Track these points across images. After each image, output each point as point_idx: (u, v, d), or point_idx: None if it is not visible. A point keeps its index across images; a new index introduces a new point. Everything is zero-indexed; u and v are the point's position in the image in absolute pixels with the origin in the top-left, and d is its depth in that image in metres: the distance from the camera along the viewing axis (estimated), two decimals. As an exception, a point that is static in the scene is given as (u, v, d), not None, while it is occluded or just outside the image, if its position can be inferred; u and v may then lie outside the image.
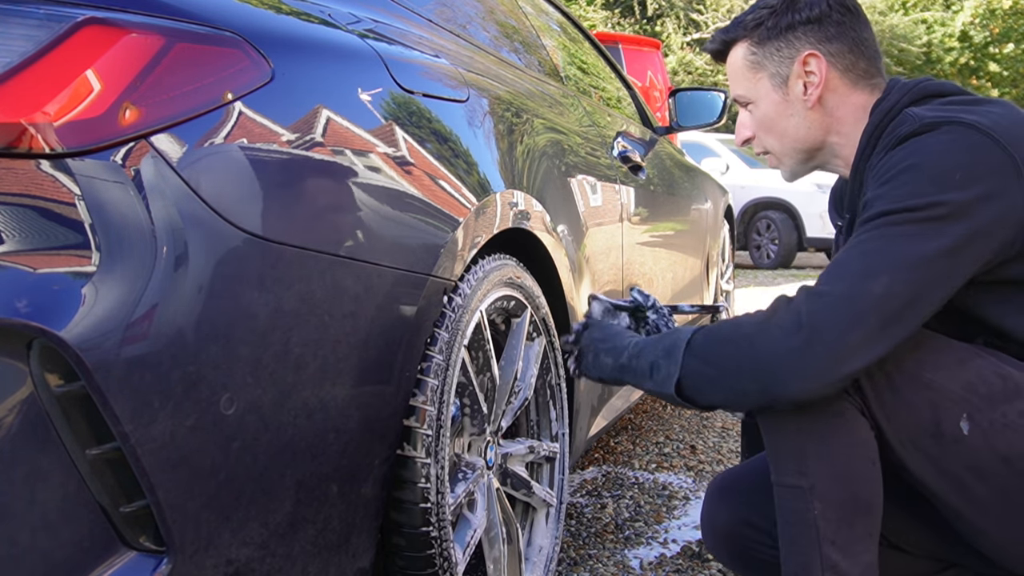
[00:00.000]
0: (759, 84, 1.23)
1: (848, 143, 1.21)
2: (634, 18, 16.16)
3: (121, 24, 0.86)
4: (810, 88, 1.20)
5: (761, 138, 1.27)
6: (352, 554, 1.10)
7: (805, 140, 1.23)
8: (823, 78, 1.19)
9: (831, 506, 1.04)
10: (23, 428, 0.77)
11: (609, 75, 3.02)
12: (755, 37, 1.23)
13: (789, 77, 1.21)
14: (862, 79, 1.20)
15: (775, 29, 1.21)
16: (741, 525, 1.27)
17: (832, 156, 1.25)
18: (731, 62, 1.28)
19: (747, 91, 1.25)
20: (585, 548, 1.93)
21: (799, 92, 1.21)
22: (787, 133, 1.24)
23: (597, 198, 1.99)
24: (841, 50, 1.19)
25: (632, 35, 9.99)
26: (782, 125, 1.23)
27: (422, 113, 1.27)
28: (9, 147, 0.79)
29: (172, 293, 0.83)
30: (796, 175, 1.29)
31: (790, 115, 1.22)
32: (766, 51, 1.22)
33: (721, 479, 1.34)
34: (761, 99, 1.24)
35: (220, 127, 0.91)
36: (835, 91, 1.20)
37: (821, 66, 1.19)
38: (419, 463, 1.18)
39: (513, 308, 1.51)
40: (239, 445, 0.90)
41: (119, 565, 0.82)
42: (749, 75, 1.24)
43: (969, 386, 1.04)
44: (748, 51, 1.24)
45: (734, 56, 1.27)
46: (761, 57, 1.23)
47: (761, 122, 1.25)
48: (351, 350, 1.05)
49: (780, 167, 1.29)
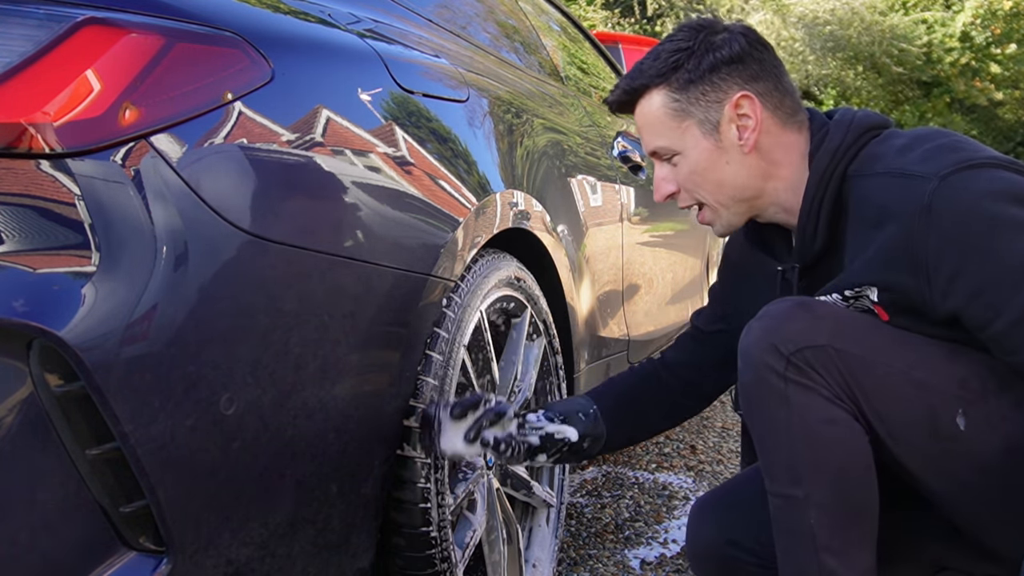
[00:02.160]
0: (686, 133, 1.14)
1: (788, 187, 1.15)
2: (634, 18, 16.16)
3: (121, 24, 0.86)
4: (745, 132, 1.12)
5: (692, 191, 1.17)
6: (352, 554, 1.10)
7: (743, 188, 1.15)
8: (758, 120, 1.12)
9: (827, 513, 1.03)
10: (23, 428, 0.77)
11: (609, 75, 3.02)
12: (674, 83, 1.14)
13: (720, 122, 1.13)
14: (789, 117, 1.15)
15: (696, 71, 1.12)
16: (726, 546, 1.25)
17: (771, 203, 1.17)
18: (645, 112, 1.17)
19: (672, 142, 1.15)
20: (585, 548, 1.93)
21: (733, 138, 1.13)
22: (724, 182, 1.15)
23: (597, 198, 1.99)
24: (768, 88, 1.13)
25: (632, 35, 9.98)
26: (717, 175, 1.14)
27: (422, 113, 1.27)
28: (9, 147, 0.79)
29: (172, 293, 0.83)
30: (731, 228, 1.20)
31: (725, 163, 1.14)
32: (690, 96, 1.13)
33: (703, 500, 1.32)
34: (690, 149, 1.14)
35: (220, 127, 0.91)
36: (769, 133, 1.13)
37: (755, 107, 1.12)
38: (419, 463, 1.18)
39: (513, 308, 1.51)
40: (239, 445, 0.90)
41: (119, 565, 0.82)
42: (672, 124, 1.14)
43: (962, 382, 1.04)
44: (668, 98, 1.14)
45: (649, 106, 1.16)
46: (685, 103, 1.13)
47: (691, 174, 1.16)
48: (351, 350, 1.05)
49: (714, 220, 1.19)
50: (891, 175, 1.06)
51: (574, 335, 1.76)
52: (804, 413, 1.03)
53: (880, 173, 1.08)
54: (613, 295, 2.08)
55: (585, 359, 1.86)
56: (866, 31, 17.23)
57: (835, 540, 1.03)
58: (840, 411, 1.03)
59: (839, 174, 1.11)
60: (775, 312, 1.07)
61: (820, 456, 1.03)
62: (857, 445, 1.04)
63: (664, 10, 16.22)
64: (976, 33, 18.93)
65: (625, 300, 2.20)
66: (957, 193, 1.00)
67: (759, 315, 1.08)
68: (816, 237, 1.13)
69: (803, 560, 1.04)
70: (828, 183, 1.11)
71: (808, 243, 1.14)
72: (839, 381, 1.03)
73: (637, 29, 15.85)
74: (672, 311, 2.77)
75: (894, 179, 1.06)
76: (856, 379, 1.03)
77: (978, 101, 18.78)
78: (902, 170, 1.05)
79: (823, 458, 1.03)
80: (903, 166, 1.05)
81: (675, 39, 1.16)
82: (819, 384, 1.02)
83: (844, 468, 1.03)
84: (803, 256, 1.16)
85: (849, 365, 1.03)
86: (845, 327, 1.05)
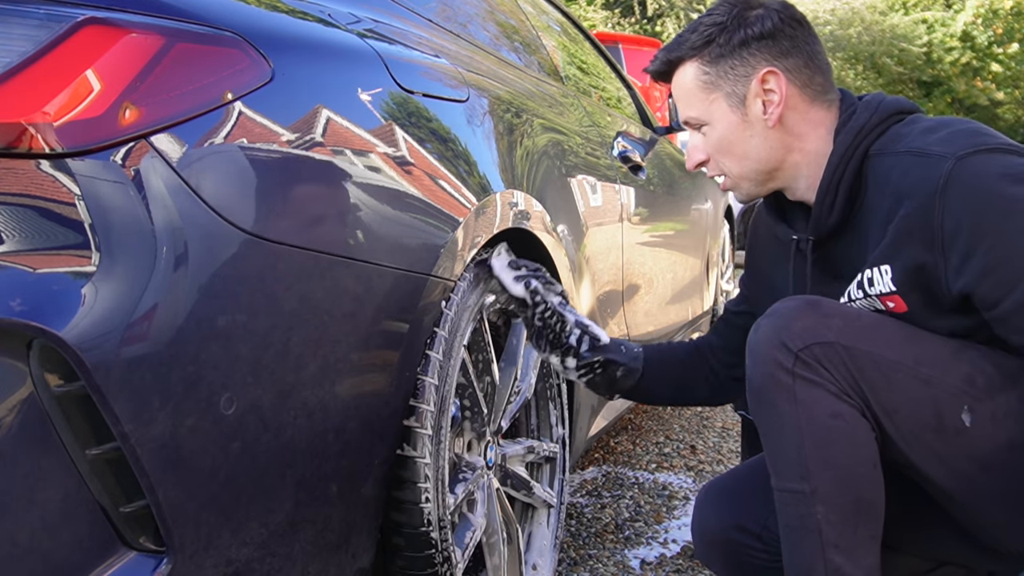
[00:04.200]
0: (714, 105, 1.18)
1: (810, 161, 1.18)
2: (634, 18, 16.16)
3: (121, 24, 0.86)
4: (770, 107, 1.16)
5: (717, 161, 1.22)
6: (352, 554, 1.10)
7: (767, 161, 1.18)
8: (783, 96, 1.15)
9: (834, 510, 1.03)
10: (23, 428, 0.77)
11: (609, 75, 3.02)
12: (706, 56, 1.18)
13: (747, 96, 1.16)
14: (819, 95, 1.18)
15: (727, 46, 1.16)
16: (733, 531, 1.25)
17: (792, 176, 1.20)
18: (680, 83, 1.22)
19: (701, 113, 1.20)
20: (585, 548, 1.93)
21: (758, 112, 1.16)
22: (747, 155, 1.18)
23: (597, 198, 1.99)
24: (797, 65, 1.16)
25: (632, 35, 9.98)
26: (742, 147, 1.18)
27: (422, 113, 1.27)
28: (9, 147, 0.79)
29: (172, 293, 0.83)
30: (752, 197, 1.25)
31: (750, 136, 1.17)
32: (720, 70, 1.17)
33: (710, 486, 1.33)
34: (717, 121, 1.19)
35: (220, 127, 0.91)
36: (795, 108, 1.16)
37: (780, 83, 1.15)
38: (419, 463, 1.18)
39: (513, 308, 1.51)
40: (239, 445, 0.90)
41: (119, 565, 0.82)
42: (702, 96, 1.19)
43: (968, 378, 1.04)
44: (700, 71, 1.18)
45: (683, 77, 1.21)
46: (715, 76, 1.17)
47: (718, 145, 1.20)
48: (351, 350, 1.05)
49: (736, 191, 1.24)
50: (911, 154, 1.08)
51: (574, 335, 1.76)
52: (811, 409, 1.03)
53: (900, 152, 1.10)
54: (613, 295, 2.08)
55: (585, 359, 1.85)
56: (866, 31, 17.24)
57: (842, 537, 1.03)
58: (847, 407, 1.04)
59: (861, 152, 1.14)
60: (784, 310, 1.08)
61: (827, 452, 1.03)
62: (863, 441, 1.04)
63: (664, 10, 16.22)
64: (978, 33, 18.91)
65: (625, 300, 2.20)
66: (974, 173, 1.02)
67: (768, 312, 1.09)
68: (833, 211, 1.15)
69: (809, 556, 1.05)
70: (850, 159, 1.14)
71: (824, 216, 1.17)
72: (847, 377, 1.03)
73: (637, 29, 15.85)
74: (672, 311, 2.77)
75: (914, 158, 1.07)
76: (864, 375, 1.03)
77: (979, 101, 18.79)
78: (921, 150, 1.07)
79: (830, 454, 1.03)
80: (923, 146, 1.07)
81: (713, 13, 1.20)
82: (827, 380, 1.03)
83: (851, 464, 1.04)
84: (818, 229, 1.18)
85: (857, 361, 1.03)
86: (853, 324, 1.06)
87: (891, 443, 1.05)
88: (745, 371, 1.10)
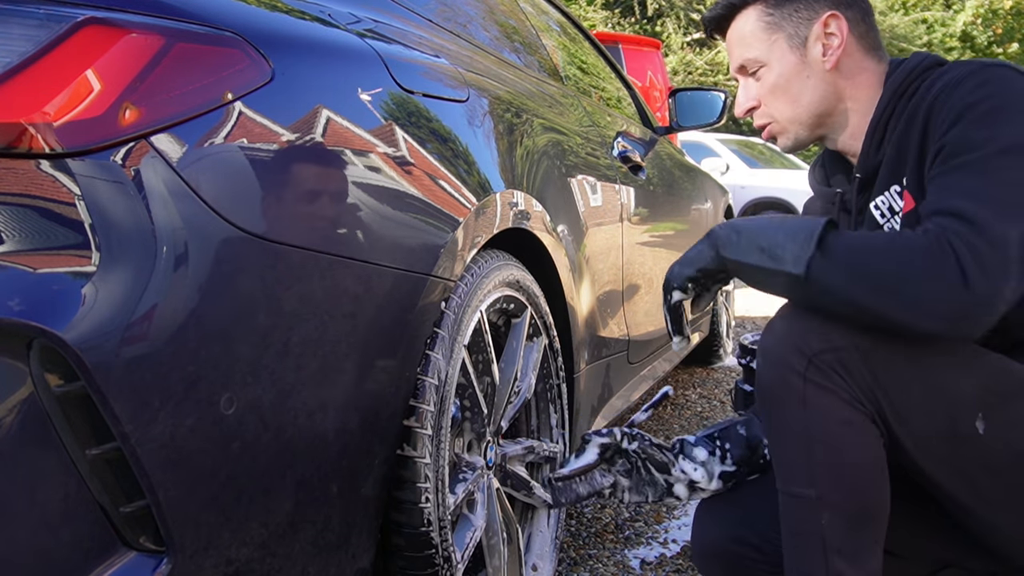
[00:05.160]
0: (774, 46, 1.21)
1: (860, 109, 1.21)
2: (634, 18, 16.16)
3: (121, 24, 0.86)
4: (829, 50, 1.19)
5: (770, 105, 1.24)
6: (352, 554, 1.10)
7: (820, 104, 1.21)
8: (843, 40, 1.19)
9: (839, 516, 1.03)
10: (23, 428, 0.77)
11: (609, 75, 3.02)
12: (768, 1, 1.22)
13: (808, 38, 1.20)
14: (872, 48, 1.22)
15: None
16: (732, 542, 1.25)
17: (840, 125, 1.23)
18: (738, 28, 1.25)
19: (761, 53, 1.22)
20: (585, 548, 1.93)
21: (818, 54, 1.20)
22: (802, 97, 1.21)
23: (597, 198, 1.99)
24: (856, 16, 1.21)
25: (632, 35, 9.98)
26: (797, 88, 1.21)
27: (422, 113, 1.27)
28: (9, 147, 0.79)
29: (172, 293, 0.83)
30: (798, 144, 1.26)
31: (807, 77, 1.20)
32: (783, 12, 1.21)
33: (709, 499, 1.32)
34: (776, 61, 1.21)
35: (220, 127, 0.91)
36: (851, 56, 1.20)
37: (843, 27, 1.19)
38: (419, 463, 1.18)
39: (513, 309, 1.51)
40: (239, 445, 0.90)
41: (119, 565, 0.82)
42: (763, 36, 1.22)
43: (983, 386, 1.04)
44: (763, 12, 1.22)
45: (744, 21, 1.24)
46: (779, 18, 1.21)
47: (774, 86, 1.22)
48: (351, 350, 1.05)
49: (783, 136, 1.25)
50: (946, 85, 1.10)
51: (574, 335, 1.76)
52: (821, 414, 1.03)
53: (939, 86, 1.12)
54: (613, 295, 2.08)
55: (585, 359, 1.86)
56: (866, 31, 17.14)
57: (846, 543, 1.03)
58: (857, 414, 1.03)
59: (910, 93, 1.16)
60: (798, 311, 1.07)
61: (835, 458, 1.03)
62: (873, 449, 1.04)
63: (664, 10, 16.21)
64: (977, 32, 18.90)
65: (625, 300, 2.20)
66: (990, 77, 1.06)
67: (782, 313, 1.09)
68: (881, 148, 1.18)
69: (812, 560, 1.04)
70: (900, 97, 1.17)
71: (872, 154, 1.19)
72: (860, 383, 1.03)
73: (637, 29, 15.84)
74: (672, 311, 2.77)
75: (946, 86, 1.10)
76: (878, 381, 1.03)
77: (978, 101, 18.71)
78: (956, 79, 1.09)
79: (838, 460, 1.03)
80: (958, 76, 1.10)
81: None
82: (839, 386, 1.02)
83: (859, 471, 1.03)
84: (866, 166, 1.21)
85: (872, 367, 1.03)
86: (868, 329, 1.05)
87: (901, 448, 1.05)
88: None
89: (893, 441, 1.05)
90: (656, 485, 1.29)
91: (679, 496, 1.29)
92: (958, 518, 1.10)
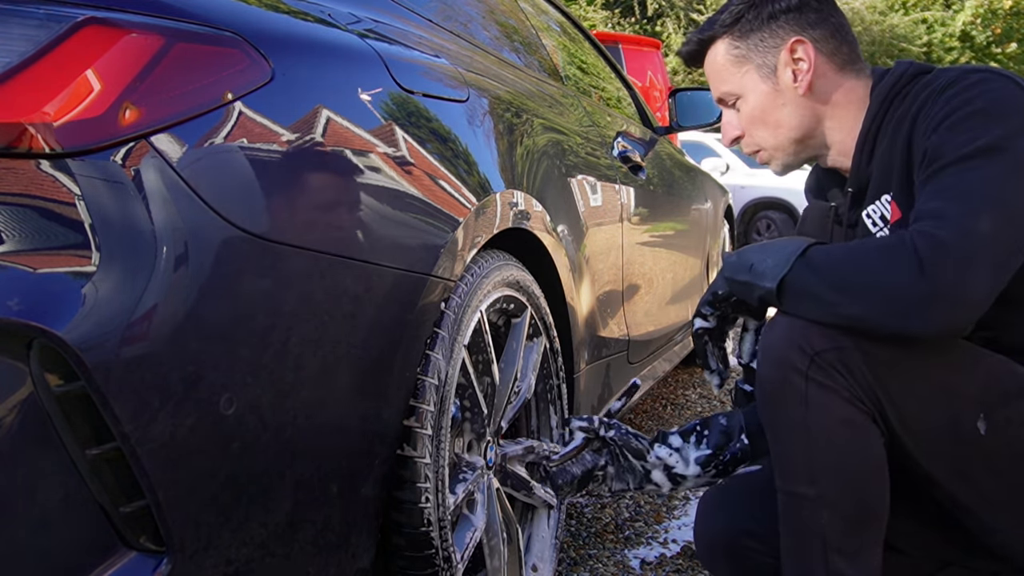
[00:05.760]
0: (746, 77, 1.23)
1: (843, 127, 1.22)
2: (634, 18, 16.16)
3: (121, 24, 0.86)
4: (799, 75, 1.20)
5: (752, 134, 1.26)
6: (352, 554, 1.10)
7: (799, 128, 1.22)
8: (812, 64, 1.19)
9: (839, 515, 1.03)
10: (23, 428, 0.77)
11: (609, 75, 3.02)
12: (736, 32, 1.23)
13: (777, 66, 1.21)
14: (848, 64, 1.22)
15: (756, 21, 1.21)
16: (737, 534, 1.25)
17: (825, 144, 1.24)
18: (711, 61, 1.27)
19: (734, 87, 1.24)
20: (585, 548, 1.93)
21: (789, 80, 1.21)
22: (781, 123, 1.23)
23: (597, 198, 1.99)
24: (824, 35, 1.21)
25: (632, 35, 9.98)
26: (775, 116, 1.22)
27: (422, 113, 1.27)
28: (9, 147, 0.79)
29: (172, 293, 0.83)
30: (788, 168, 1.28)
31: (782, 104, 1.21)
32: (749, 43, 1.22)
33: (713, 491, 1.33)
34: (749, 92, 1.23)
35: (220, 127, 0.91)
36: (824, 76, 1.21)
37: (809, 52, 1.20)
38: (419, 463, 1.18)
39: (513, 309, 1.51)
40: (239, 445, 0.90)
41: (119, 565, 0.82)
42: (734, 70, 1.23)
43: (985, 386, 1.04)
44: (731, 46, 1.23)
45: (714, 55, 1.26)
46: (745, 50, 1.22)
47: (751, 117, 1.24)
48: (351, 350, 1.05)
49: (772, 162, 1.28)
50: (930, 94, 1.12)
51: (574, 335, 1.76)
52: (822, 413, 1.03)
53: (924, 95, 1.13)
54: (613, 295, 2.08)
55: (585, 359, 1.86)
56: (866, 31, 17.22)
57: (845, 542, 1.03)
58: (858, 413, 1.03)
59: (897, 103, 1.17)
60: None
61: (835, 457, 1.03)
62: (873, 448, 1.04)
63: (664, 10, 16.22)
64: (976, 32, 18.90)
65: (625, 300, 2.20)
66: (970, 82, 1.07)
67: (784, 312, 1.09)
68: (872, 160, 1.19)
69: (811, 559, 1.04)
70: (888, 107, 1.18)
71: (864, 167, 1.20)
72: (862, 382, 1.03)
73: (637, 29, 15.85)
74: (672, 311, 2.77)
75: (930, 94, 1.12)
76: (880, 380, 1.03)
77: (978, 101, 18.71)
78: (938, 87, 1.11)
79: (839, 460, 1.03)
80: (941, 83, 1.11)
81: None
82: (840, 386, 1.03)
83: (859, 471, 1.03)
84: (858, 178, 1.21)
85: (874, 366, 1.03)
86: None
87: (902, 447, 1.05)
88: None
89: (894, 441, 1.05)
90: (635, 472, 1.30)
91: (658, 483, 1.29)
92: (959, 518, 1.10)
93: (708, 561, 1.31)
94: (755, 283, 1.10)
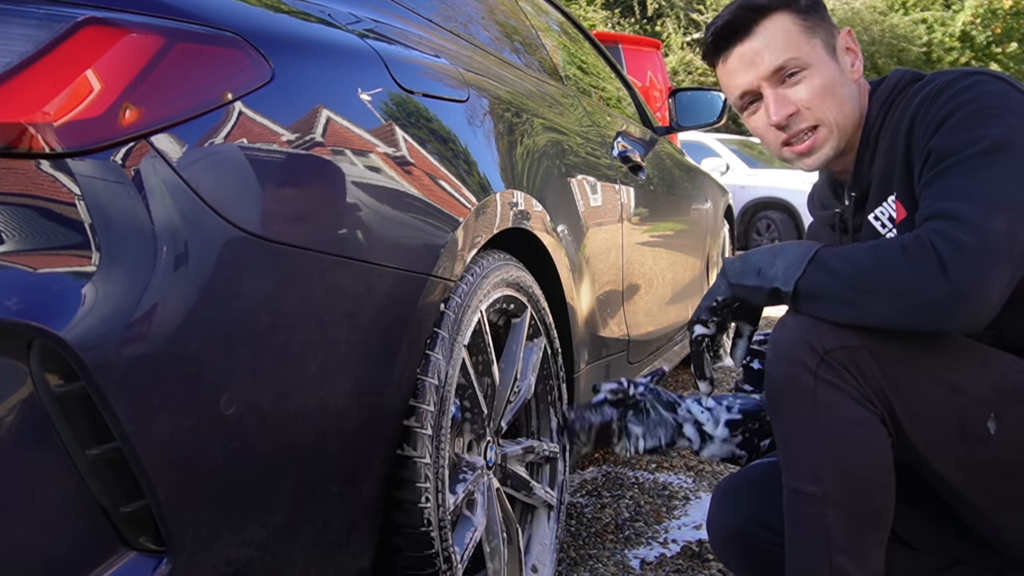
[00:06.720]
0: (815, 50, 1.17)
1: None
2: (634, 18, 16.16)
3: (121, 24, 0.86)
4: (855, 61, 1.21)
5: (818, 107, 1.17)
6: (352, 554, 1.10)
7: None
8: (858, 54, 1.21)
9: (844, 514, 1.03)
10: (23, 428, 0.77)
11: (609, 75, 3.02)
12: (795, 7, 1.18)
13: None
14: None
15: (812, 2, 1.20)
16: (750, 525, 1.25)
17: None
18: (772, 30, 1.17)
19: (804, 55, 1.16)
20: (585, 548, 1.93)
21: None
22: (845, 103, 1.18)
23: (597, 198, 1.99)
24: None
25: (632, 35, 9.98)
26: (841, 93, 1.18)
27: (422, 113, 1.27)
28: (9, 147, 0.79)
29: (172, 293, 0.83)
30: (830, 158, 1.20)
31: (844, 84, 1.19)
32: (815, 19, 1.19)
33: (727, 481, 1.33)
34: (820, 63, 1.17)
35: (220, 127, 0.91)
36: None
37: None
38: (419, 463, 1.18)
39: (513, 309, 1.51)
40: (239, 445, 0.90)
41: (119, 565, 0.82)
42: (803, 39, 1.17)
43: (995, 386, 1.04)
44: (796, 17, 1.18)
45: (778, 24, 1.17)
46: (812, 24, 1.19)
47: (822, 88, 1.17)
48: (351, 350, 1.05)
49: (826, 145, 1.19)
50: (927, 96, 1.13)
51: (574, 335, 1.76)
52: (830, 412, 1.03)
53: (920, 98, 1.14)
54: (613, 295, 2.08)
55: (585, 359, 1.86)
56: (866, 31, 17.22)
57: (850, 541, 1.03)
58: (867, 413, 1.04)
59: (894, 108, 1.19)
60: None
61: (842, 456, 1.03)
62: (880, 448, 1.04)
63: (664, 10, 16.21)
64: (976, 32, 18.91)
65: (625, 300, 2.20)
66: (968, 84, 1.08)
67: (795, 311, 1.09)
68: (873, 163, 1.19)
69: (815, 557, 1.05)
70: (886, 114, 1.19)
71: (866, 170, 1.21)
72: (871, 382, 1.03)
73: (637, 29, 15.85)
74: (672, 311, 2.77)
75: (927, 96, 1.13)
76: (890, 380, 1.03)
77: (978, 101, 18.73)
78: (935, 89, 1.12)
79: (846, 459, 1.03)
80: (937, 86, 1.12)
81: None
82: (849, 385, 1.03)
83: (866, 471, 1.04)
84: (860, 184, 1.22)
85: (884, 366, 1.03)
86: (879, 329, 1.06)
87: (911, 448, 1.05)
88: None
89: (903, 441, 1.05)
90: (666, 425, 1.29)
91: (690, 438, 1.28)
92: (967, 517, 1.10)
93: (721, 552, 1.32)
94: (765, 287, 1.10)
